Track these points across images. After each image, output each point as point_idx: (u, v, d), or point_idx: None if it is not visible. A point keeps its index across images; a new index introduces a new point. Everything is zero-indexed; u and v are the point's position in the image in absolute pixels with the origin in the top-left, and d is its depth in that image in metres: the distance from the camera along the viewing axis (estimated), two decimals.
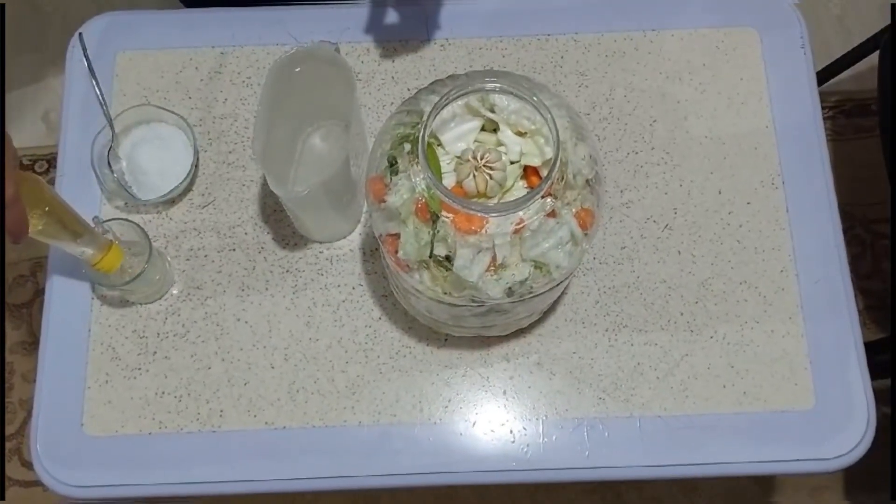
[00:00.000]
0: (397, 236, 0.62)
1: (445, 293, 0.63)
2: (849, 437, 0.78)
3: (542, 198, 0.58)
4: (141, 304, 0.83)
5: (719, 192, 0.86)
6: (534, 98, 0.59)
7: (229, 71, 0.91)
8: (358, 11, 0.93)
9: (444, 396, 0.80)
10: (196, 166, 0.86)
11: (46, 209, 0.68)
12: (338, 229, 0.84)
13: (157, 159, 0.86)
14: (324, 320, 0.82)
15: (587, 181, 0.62)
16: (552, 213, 0.59)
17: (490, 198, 0.61)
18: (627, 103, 0.90)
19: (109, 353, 0.81)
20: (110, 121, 0.84)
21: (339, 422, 0.79)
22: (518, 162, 0.62)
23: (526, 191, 0.62)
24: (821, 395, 0.79)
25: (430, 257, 0.61)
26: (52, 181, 0.87)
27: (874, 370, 0.81)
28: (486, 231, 0.58)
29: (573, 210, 0.60)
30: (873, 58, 1.26)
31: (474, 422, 0.79)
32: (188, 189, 0.86)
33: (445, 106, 0.61)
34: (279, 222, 0.85)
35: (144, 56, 0.92)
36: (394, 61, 0.91)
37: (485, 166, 0.60)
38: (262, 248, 0.85)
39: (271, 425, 0.79)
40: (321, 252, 0.84)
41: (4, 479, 1.48)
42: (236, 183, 0.87)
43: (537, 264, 0.61)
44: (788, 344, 0.81)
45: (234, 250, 0.85)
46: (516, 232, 0.59)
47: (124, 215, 0.85)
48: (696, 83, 0.90)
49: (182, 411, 0.80)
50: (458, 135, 0.63)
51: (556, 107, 0.61)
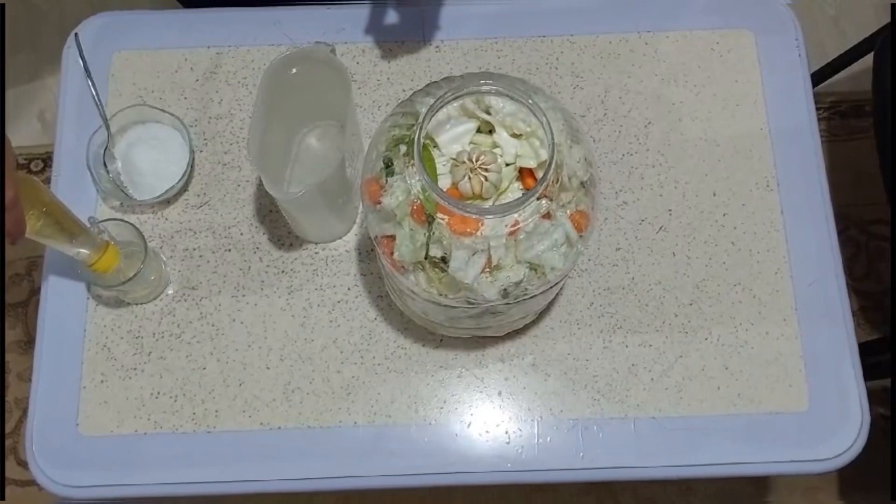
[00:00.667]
0: (393, 238, 0.62)
1: (441, 294, 0.63)
2: (843, 439, 0.78)
3: (538, 200, 0.58)
4: (136, 304, 0.83)
5: (714, 194, 0.87)
6: (529, 100, 0.59)
7: (225, 71, 0.91)
8: (354, 12, 0.93)
9: (439, 397, 0.80)
10: (192, 167, 0.86)
11: (44, 210, 0.68)
12: (333, 230, 0.84)
13: (152, 160, 0.85)
14: (319, 321, 0.82)
15: (582, 183, 0.62)
16: (547, 215, 0.60)
17: (485, 200, 0.61)
18: (622, 105, 0.90)
19: (105, 353, 0.81)
20: (106, 121, 0.84)
21: (334, 422, 0.79)
22: (513, 164, 0.62)
23: (521, 193, 0.62)
24: (815, 397, 0.80)
25: (425, 259, 0.61)
26: (48, 180, 0.87)
27: (868, 371, 0.82)
28: (481, 233, 0.58)
29: (568, 212, 0.60)
30: (868, 59, 1.27)
31: (469, 423, 0.79)
32: (184, 189, 0.86)
33: (441, 108, 0.61)
34: (275, 223, 0.85)
35: (140, 56, 0.92)
36: (389, 62, 0.91)
37: (480, 168, 0.60)
38: (258, 248, 0.85)
39: (266, 426, 0.79)
40: (317, 253, 0.85)
41: (4, 479, 1.47)
42: (232, 183, 0.87)
43: (532, 266, 0.61)
44: (783, 345, 0.81)
45: (230, 251, 0.85)
46: (511, 234, 0.59)
47: (120, 215, 0.85)
48: (692, 85, 0.91)
49: (177, 411, 0.80)
50: (453, 136, 0.63)
51: (551, 109, 0.61)
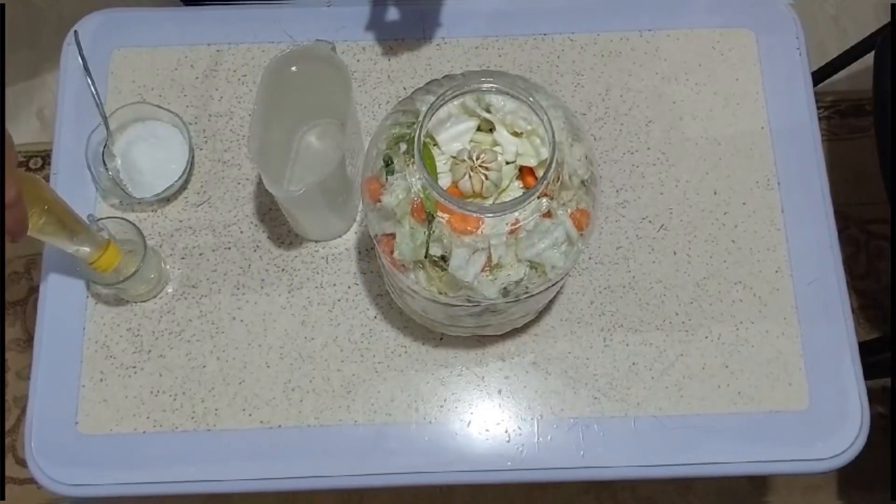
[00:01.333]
0: (393, 236, 0.62)
1: (441, 293, 0.63)
2: (843, 438, 0.78)
3: (538, 198, 0.58)
4: (136, 302, 0.83)
5: (715, 193, 0.86)
6: (530, 98, 0.59)
7: (225, 69, 0.91)
8: (354, 10, 0.93)
9: (439, 396, 0.80)
10: (191, 164, 0.86)
11: (45, 208, 0.68)
12: (333, 228, 0.84)
13: (152, 157, 0.85)
14: (319, 319, 0.82)
15: (583, 181, 0.62)
16: (548, 214, 0.59)
17: (486, 198, 0.61)
18: (623, 103, 0.90)
19: (104, 351, 0.81)
20: (105, 118, 0.84)
21: (334, 421, 0.79)
22: (514, 162, 0.62)
23: (522, 191, 0.62)
24: (815, 396, 0.80)
25: (425, 257, 0.61)
26: (47, 178, 0.87)
27: (868, 370, 0.82)
28: (481, 231, 0.58)
29: (569, 210, 0.60)
30: (868, 58, 1.27)
31: (469, 421, 0.79)
32: (183, 187, 0.86)
33: (441, 106, 0.61)
34: (274, 221, 0.85)
35: (139, 53, 0.91)
36: (390, 60, 0.91)
37: (480, 166, 0.60)
38: (258, 246, 0.84)
39: (266, 424, 0.79)
40: (317, 251, 0.84)
41: (4, 479, 1.47)
42: (232, 181, 0.87)
43: (533, 265, 0.61)
44: (783, 344, 0.81)
45: (230, 249, 0.84)
46: (512, 232, 0.59)
47: (119, 213, 0.85)
48: (692, 83, 0.91)
49: (177, 410, 0.79)
50: (453, 135, 0.63)
51: (552, 107, 0.61)
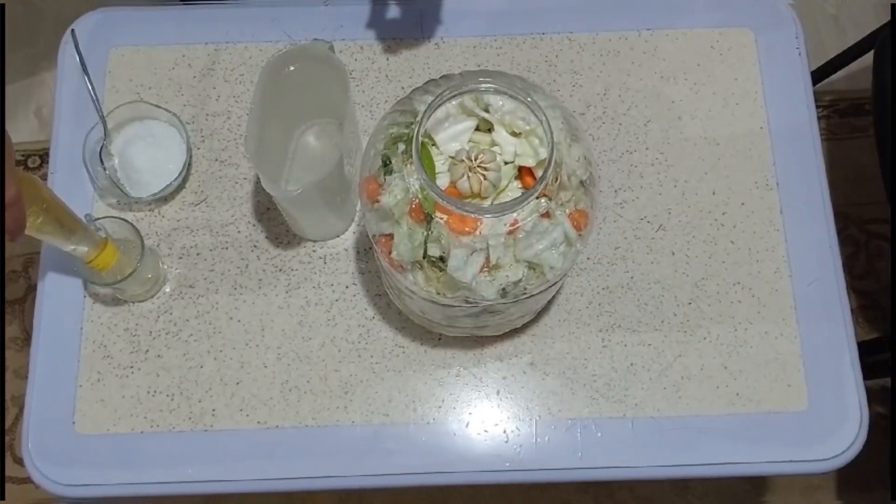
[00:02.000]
0: (391, 236, 0.62)
1: (439, 294, 0.63)
2: (842, 439, 0.78)
3: (537, 199, 0.58)
4: (133, 302, 0.82)
5: (713, 193, 0.86)
6: (528, 98, 0.59)
7: (222, 68, 0.91)
8: (352, 9, 0.92)
9: (437, 396, 0.80)
10: (189, 164, 0.85)
11: (44, 207, 0.68)
12: (331, 228, 0.84)
13: (149, 157, 0.85)
14: (317, 319, 0.82)
15: (581, 182, 0.61)
16: (546, 214, 0.59)
17: (484, 198, 0.61)
18: (622, 103, 0.89)
19: (101, 351, 0.81)
20: (103, 117, 0.84)
21: (331, 421, 0.79)
22: (512, 163, 0.62)
23: (520, 192, 0.62)
24: (814, 397, 0.80)
25: (423, 258, 0.61)
26: (45, 177, 0.86)
27: (867, 371, 0.82)
28: (479, 232, 0.58)
29: (567, 211, 0.60)
30: (868, 57, 1.27)
31: (467, 422, 0.79)
32: (181, 187, 0.86)
33: (440, 106, 0.60)
34: (272, 221, 0.85)
35: (137, 52, 0.91)
36: (388, 59, 0.91)
37: (479, 167, 0.59)
38: (255, 246, 0.84)
39: (264, 424, 0.79)
40: (314, 251, 0.84)
41: (4, 479, 1.47)
42: (229, 181, 0.87)
43: (531, 265, 0.61)
44: (782, 345, 0.81)
45: (227, 249, 0.84)
46: (510, 233, 0.59)
47: (116, 213, 0.85)
48: (691, 83, 0.90)
49: (174, 410, 0.79)
50: (452, 135, 0.63)
51: (550, 107, 0.61)
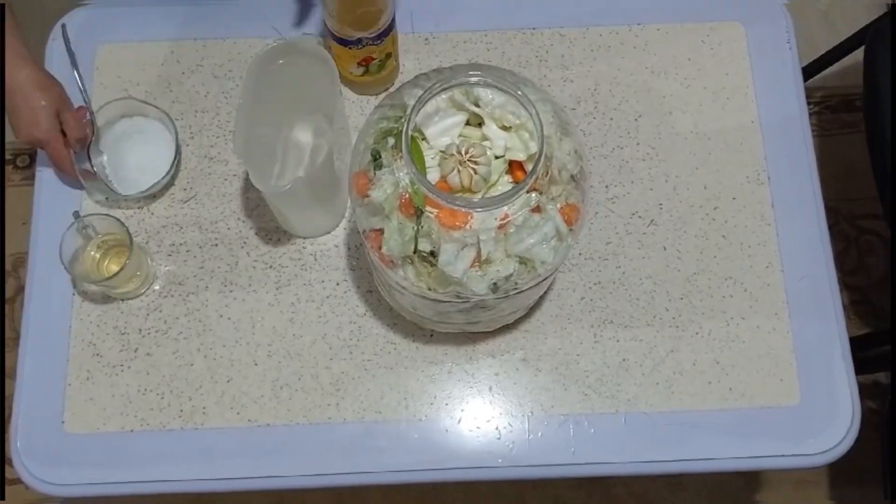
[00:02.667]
0: (381, 231, 0.61)
1: (430, 289, 0.62)
2: (833, 433, 0.78)
3: (527, 193, 0.58)
4: (122, 300, 0.82)
5: (705, 188, 0.86)
6: (518, 92, 0.59)
7: (211, 64, 0.90)
8: None
9: (429, 393, 0.79)
10: (178, 161, 0.85)
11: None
12: (321, 225, 0.83)
13: (138, 154, 0.85)
14: (308, 316, 0.81)
15: (572, 176, 0.61)
16: (537, 209, 0.59)
17: (475, 193, 0.60)
18: (612, 98, 0.89)
19: (90, 349, 0.80)
20: (92, 114, 0.83)
21: (323, 419, 0.78)
22: (503, 157, 0.62)
23: (511, 186, 0.62)
24: (806, 391, 0.79)
25: (414, 253, 0.61)
26: (33, 176, 0.86)
27: (859, 366, 0.82)
28: (470, 226, 0.58)
29: (558, 205, 0.60)
30: (858, 53, 1.27)
31: (460, 418, 0.79)
32: (170, 184, 0.85)
33: (429, 100, 0.60)
34: (262, 217, 0.85)
35: (125, 49, 0.90)
36: None
37: (469, 161, 0.59)
38: (245, 243, 0.84)
39: (254, 423, 0.78)
40: (305, 248, 0.84)
41: (4, 479, 1.46)
42: (218, 177, 0.86)
43: (522, 260, 0.60)
44: (774, 340, 0.81)
45: (217, 246, 0.84)
46: (501, 227, 0.58)
47: (105, 210, 0.84)
48: (682, 78, 0.90)
49: (164, 408, 0.79)
50: (442, 129, 0.62)
51: (540, 101, 0.61)
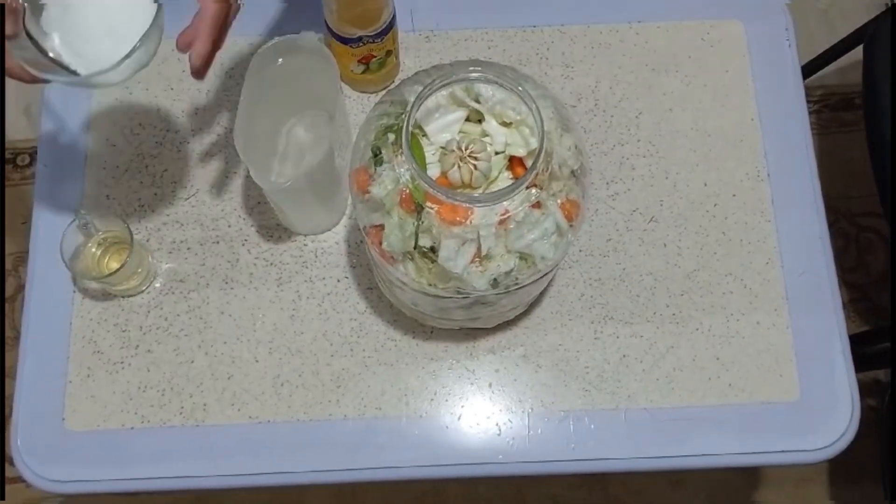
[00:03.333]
0: (382, 227, 0.62)
1: (430, 285, 0.62)
2: (833, 429, 0.78)
3: (527, 188, 0.58)
4: (123, 297, 0.82)
5: (705, 185, 0.86)
6: (519, 88, 0.59)
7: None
8: None
9: (429, 389, 0.79)
10: (158, 20, 0.61)
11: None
12: (322, 221, 0.84)
13: (100, 13, 0.61)
14: (308, 313, 0.82)
15: (572, 172, 0.61)
16: (537, 205, 0.59)
17: (475, 189, 0.61)
18: (613, 95, 0.89)
19: (91, 346, 0.80)
20: None
21: (324, 415, 0.79)
22: (503, 153, 0.62)
23: (511, 182, 0.62)
24: (805, 387, 0.80)
25: (414, 248, 0.61)
26: (33, 174, 0.86)
27: (858, 363, 0.82)
28: (470, 222, 0.58)
29: (558, 201, 0.60)
30: (858, 52, 1.27)
31: (460, 415, 0.79)
32: (153, 53, 0.62)
33: (430, 96, 0.60)
34: (263, 214, 0.85)
35: None
36: None
37: (469, 157, 0.59)
38: (246, 240, 0.84)
39: (255, 419, 0.78)
40: (306, 244, 0.84)
41: (4, 479, 1.46)
42: (220, 174, 0.86)
43: (522, 256, 0.61)
44: (774, 336, 0.81)
45: (218, 243, 0.84)
46: (501, 223, 0.58)
47: (106, 207, 0.84)
48: (682, 75, 0.90)
49: (165, 405, 0.79)
50: (442, 125, 0.62)
51: (540, 97, 0.61)
